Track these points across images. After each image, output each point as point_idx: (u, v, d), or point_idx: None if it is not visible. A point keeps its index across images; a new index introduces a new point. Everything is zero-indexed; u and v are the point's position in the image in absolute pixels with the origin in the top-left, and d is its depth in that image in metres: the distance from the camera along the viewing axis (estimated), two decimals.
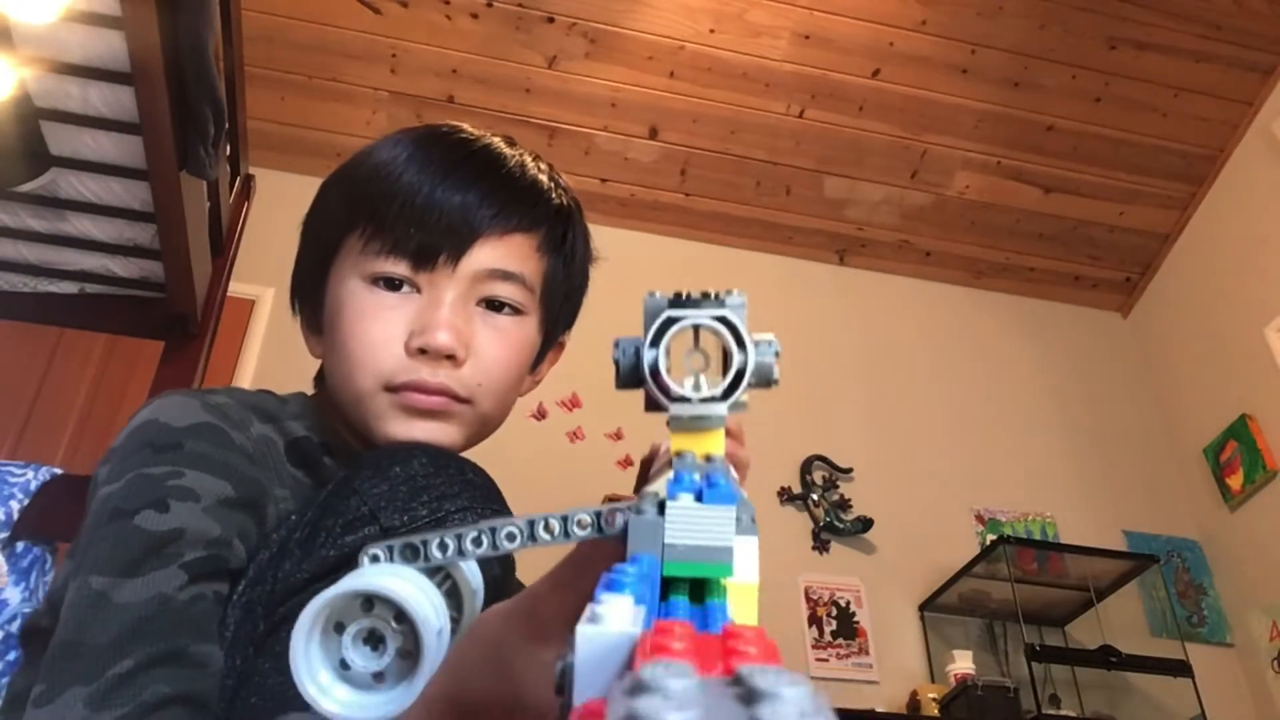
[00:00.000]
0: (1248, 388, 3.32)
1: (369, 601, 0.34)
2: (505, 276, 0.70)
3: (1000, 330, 3.79)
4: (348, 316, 0.68)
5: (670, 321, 0.39)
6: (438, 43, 3.24)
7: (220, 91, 1.45)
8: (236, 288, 2.48)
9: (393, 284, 0.67)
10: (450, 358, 0.67)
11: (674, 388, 0.38)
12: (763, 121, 3.46)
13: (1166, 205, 3.74)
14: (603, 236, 3.60)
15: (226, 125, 1.56)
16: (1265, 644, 3.10)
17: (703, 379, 0.39)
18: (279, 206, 3.18)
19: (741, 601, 0.33)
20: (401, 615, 0.34)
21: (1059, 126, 3.54)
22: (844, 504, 3.10)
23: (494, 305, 0.70)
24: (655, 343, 0.39)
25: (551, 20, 3.22)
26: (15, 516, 1.57)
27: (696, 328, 0.39)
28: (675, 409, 0.39)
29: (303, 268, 0.75)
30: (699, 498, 0.34)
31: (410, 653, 0.34)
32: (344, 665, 0.34)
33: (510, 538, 0.36)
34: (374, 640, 0.34)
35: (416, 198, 0.67)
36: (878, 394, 3.43)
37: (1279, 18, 3.36)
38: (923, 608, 3.02)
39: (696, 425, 0.39)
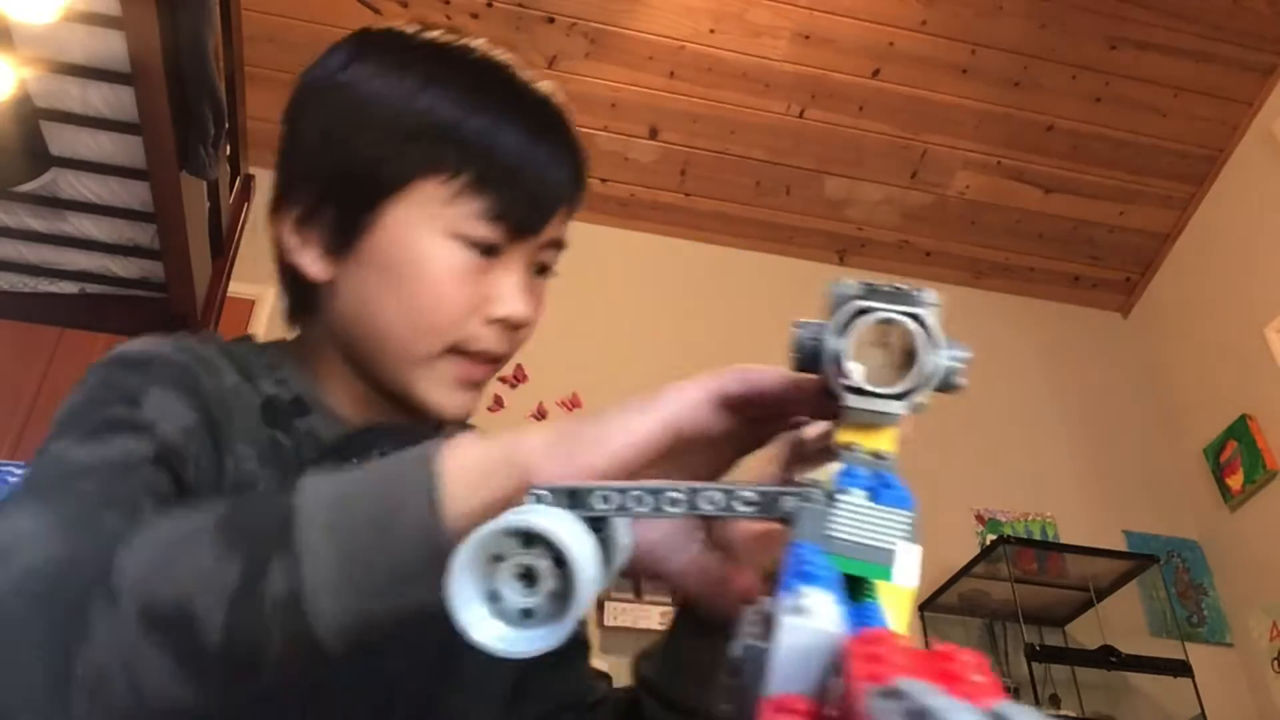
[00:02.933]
0: (1248, 388, 3.32)
1: (528, 539, 0.34)
2: (558, 245, 0.68)
3: (1000, 330, 3.79)
4: (431, 273, 0.61)
5: (861, 312, 0.38)
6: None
7: (220, 91, 1.45)
8: (236, 288, 2.48)
9: (487, 250, 0.62)
10: (522, 326, 0.65)
11: (855, 379, 0.38)
12: (763, 121, 3.46)
13: (1166, 205, 3.74)
14: (603, 236, 3.65)
15: (226, 125, 1.56)
16: (1265, 644, 3.10)
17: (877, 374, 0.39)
18: None
19: (896, 606, 0.33)
20: (560, 559, 0.34)
21: (1059, 126, 3.54)
22: None
23: (543, 269, 0.68)
24: (841, 331, 0.38)
25: (551, 20, 3.22)
26: None
27: (887, 321, 0.38)
28: (852, 400, 0.38)
29: (325, 182, 0.65)
30: (873, 496, 0.34)
31: (560, 596, 0.34)
32: (494, 597, 0.34)
33: (673, 503, 0.36)
34: (528, 577, 0.35)
35: (522, 160, 0.62)
36: None
37: (1279, 18, 3.36)
38: (923, 608, 3.02)
39: (871, 420, 0.39)
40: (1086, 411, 3.64)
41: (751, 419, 0.46)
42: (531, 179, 0.63)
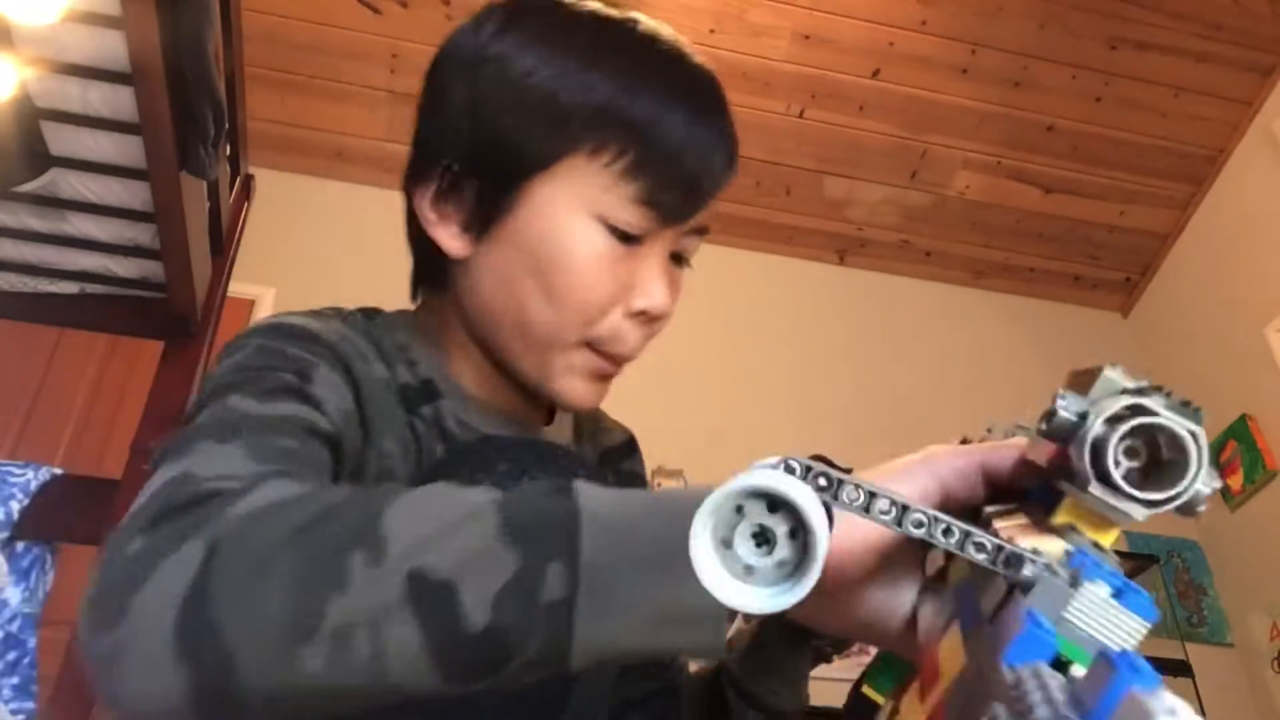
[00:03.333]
0: (1248, 388, 3.32)
1: (772, 505, 0.35)
2: (701, 232, 0.66)
3: (1000, 330, 3.79)
4: (577, 259, 0.59)
5: (1138, 410, 0.38)
6: (438, 43, 3.21)
7: (220, 91, 1.45)
8: (236, 288, 2.48)
9: (631, 238, 0.60)
10: (659, 319, 0.64)
11: (1114, 476, 0.38)
12: (763, 121, 3.46)
13: (1166, 205, 3.74)
14: None
15: (226, 125, 1.56)
16: (1265, 644, 3.10)
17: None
18: (279, 206, 3.19)
19: None
20: (796, 531, 0.35)
21: (1059, 126, 3.54)
22: None
23: (678, 260, 0.66)
24: (1111, 421, 0.38)
25: None
26: (15, 516, 1.57)
27: (1166, 432, 0.38)
28: (1097, 490, 0.38)
29: (473, 156, 0.62)
30: (1117, 595, 0.34)
31: (786, 564, 0.35)
32: (726, 544, 0.35)
33: (917, 525, 0.36)
34: (761, 539, 0.35)
35: (683, 145, 0.59)
36: (877, 394, 3.43)
37: (1279, 18, 3.36)
38: None
39: (1107, 516, 0.40)
40: None
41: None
42: (691, 164, 0.59)
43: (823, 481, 0.36)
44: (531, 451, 0.60)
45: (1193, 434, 0.38)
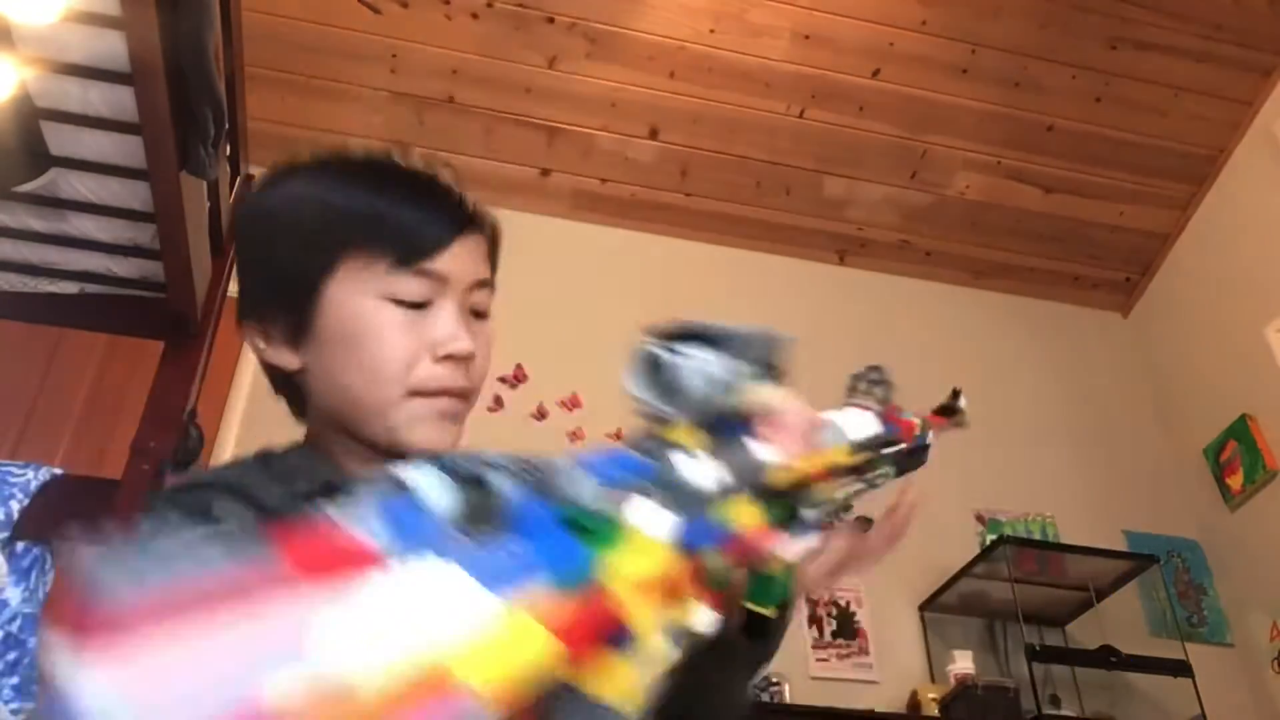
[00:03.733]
0: (1248, 388, 3.32)
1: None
2: (484, 284, 0.77)
3: (1000, 330, 3.79)
4: (374, 331, 0.71)
5: None
6: (438, 43, 3.24)
7: (220, 91, 1.45)
8: (236, 288, 2.48)
9: (415, 305, 0.72)
10: (469, 358, 0.73)
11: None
12: (763, 121, 3.46)
13: (1166, 205, 3.74)
14: (603, 237, 3.64)
15: (226, 125, 1.56)
16: (1265, 644, 3.10)
17: None
18: None
19: None
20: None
21: (1059, 126, 3.54)
22: (845, 505, 3.09)
23: (478, 313, 0.77)
24: None
25: (551, 20, 3.22)
26: (15, 516, 1.57)
27: None
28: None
29: (271, 288, 0.76)
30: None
31: None
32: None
33: None
34: None
35: (415, 224, 0.73)
36: None
37: (1279, 18, 3.36)
38: (923, 608, 3.02)
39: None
40: (1086, 411, 3.64)
41: None
42: (427, 235, 0.73)
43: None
44: None
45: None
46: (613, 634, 0.39)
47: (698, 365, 0.53)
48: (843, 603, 2.94)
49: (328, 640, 0.29)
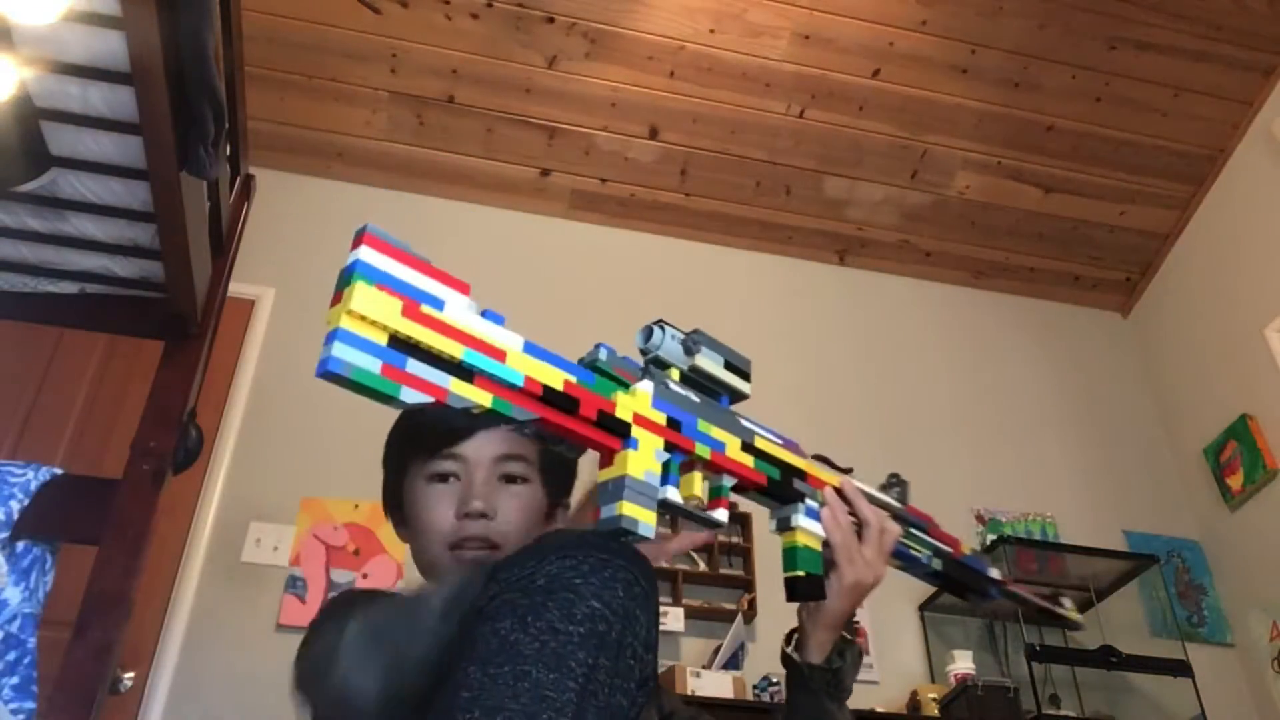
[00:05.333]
0: (1248, 388, 3.32)
1: None
2: (513, 457, 1.00)
3: (1000, 330, 3.79)
4: (421, 506, 0.98)
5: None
6: (438, 43, 3.24)
7: (220, 91, 1.45)
8: (236, 288, 2.48)
9: (443, 478, 0.98)
10: (483, 515, 0.95)
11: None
12: (763, 121, 3.46)
13: (1166, 205, 3.74)
14: (603, 236, 3.63)
15: (226, 125, 1.55)
16: (1265, 644, 3.10)
17: None
18: (279, 206, 3.19)
19: None
20: None
21: (1059, 126, 3.54)
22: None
23: (510, 479, 0.99)
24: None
25: (551, 20, 3.22)
26: (15, 516, 1.57)
27: None
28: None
29: (388, 489, 1.06)
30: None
31: None
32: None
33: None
34: None
35: (436, 424, 1.00)
36: (877, 394, 3.43)
37: (1279, 18, 3.36)
38: (923, 608, 3.02)
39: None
40: (1086, 411, 3.64)
41: None
42: (442, 425, 0.99)
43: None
44: None
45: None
46: (620, 431, 0.74)
47: (670, 333, 0.82)
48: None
49: None
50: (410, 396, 0.66)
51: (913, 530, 1.00)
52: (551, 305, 3.31)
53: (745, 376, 0.88)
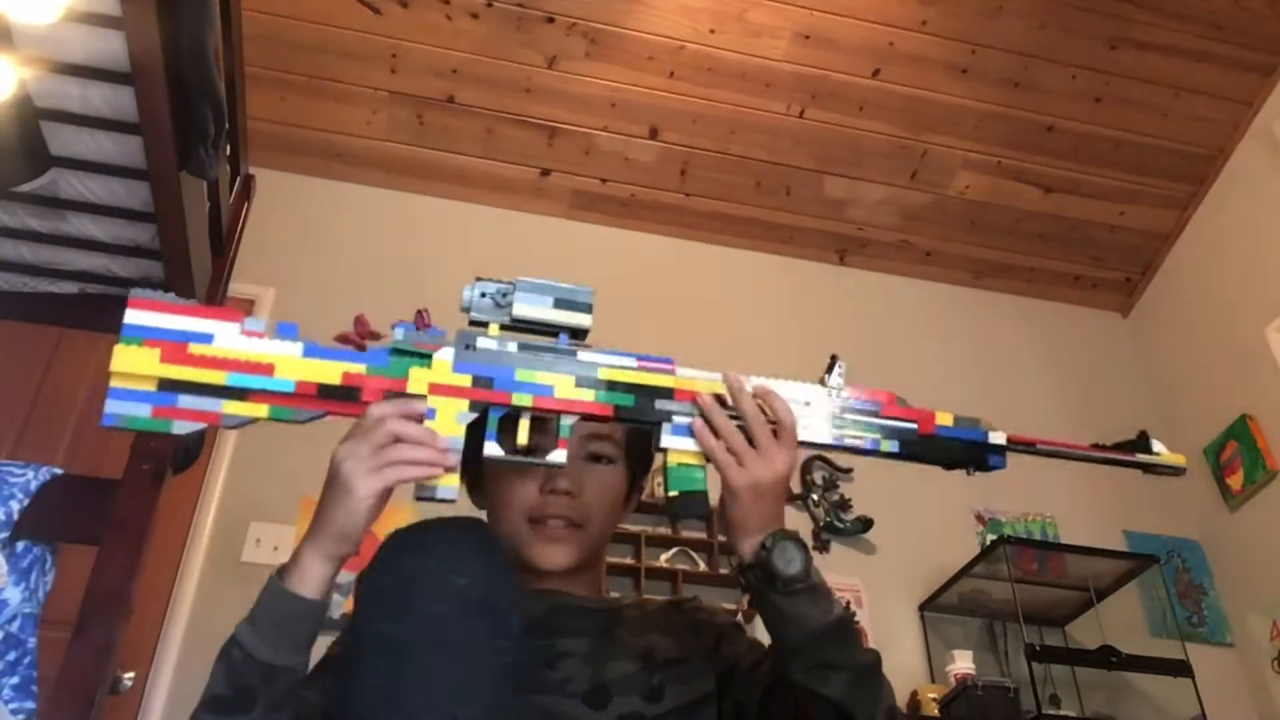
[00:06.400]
0: (1248, 388, 3.32)
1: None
2: (600, 437, 0.99)
3: (1000, 330, 3.79)
4: (503, 477, 0.97)
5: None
6: (438, 43, 3.24)
7: (220, 91, 1.45)
8: (236, 288, 2.48)
9: (530, 450, 0.87)
10: (568, 493, 0.95)
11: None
12: (763, 121, 3.46)
13: (1166, 205, 3.74)
14: (603, 236, 3.65)
15: (226, 125, 1.56)
16: (1265, 644, 3.10)
17: None
18: (279, 206, 3.19)
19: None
20: None
21: (1059, 126, 3.54)
22: (844, 504, 3.10)
23: (596, 458, 0.99)
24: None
25: (551, 20, 3.22)
26: (15, 516, 1.57)
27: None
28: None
29: (468, 454, 0.97)
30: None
31: None
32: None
33: None
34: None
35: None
36: None
37: (1279, 18, 3.36)
38: (923, 608, 3.02)
39: None
40: (1086, 411, 3.64)
41: None
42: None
43: None
44: (543, 602, 0.94)
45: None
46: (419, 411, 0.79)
47: (481, 290, 0.86)
48: (843, 602, 2.93)
49: None
50: (182, 428, 0.77)
51: (849, 415, 0.92)
52: None
53: (584, 309, 0.87)
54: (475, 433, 0.83)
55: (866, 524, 3.06)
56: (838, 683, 0.81)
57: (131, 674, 2.28)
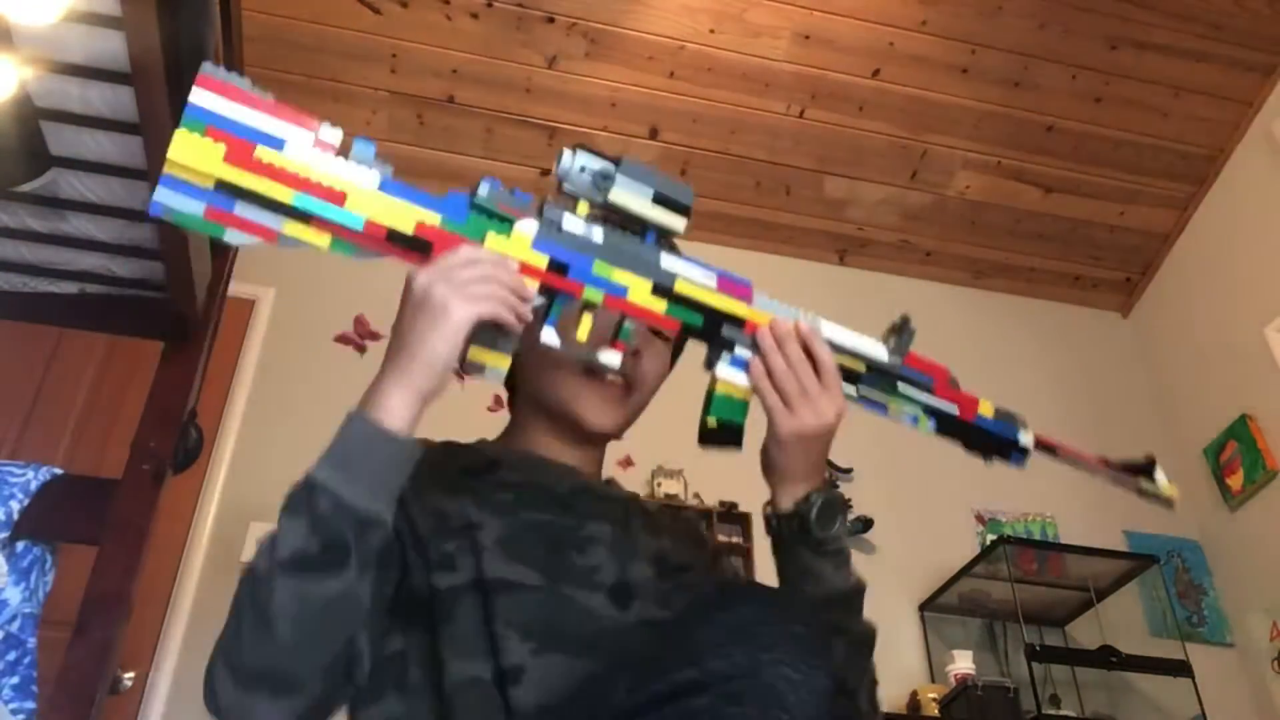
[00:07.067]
0: (1248, 388, 3.32)
1: None
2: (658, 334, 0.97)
3: (1000, 330, 3.79)
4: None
5: None
6: (438, 43, 3.24)
7: None
8: (236, 288, 2.48)
9: (589, 306, 0.85)
10: (636, 352, 0.94)
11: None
12: (763, 121, 3.46)
13: (1166, 205, 3.74)
14: None
15: None
16: (1265, 644, 3.10)
17: None
18: None
19: None
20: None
21: (1059, 126, 3.54)
22: (844, 504, 3.10)
23: (655, 331, 0.96)
24: None
25: (551, 20, 3.22)
26: (15, 516, 1.57)
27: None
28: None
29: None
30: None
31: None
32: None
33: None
34: None
35: None
36: None
37: (1279, 18, 3.36)
38: (923, 608, 3.02)
39: None
40: (1086, 411, 3.64)
41: None
42: None
43: None
44: (567, 480, 0.91)
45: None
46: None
47: (582, 163, 0.77)
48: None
49: None
50: (235, 238, 0.68)
51: (902, 386, 0.93)
52: None
53: (681, 210, 0.81)
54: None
55: (866, 524, 3.06)
56: (836, 648, 0.81)
57: (131, 674, 2.28)
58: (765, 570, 1.01)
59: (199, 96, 0.70)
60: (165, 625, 2.52)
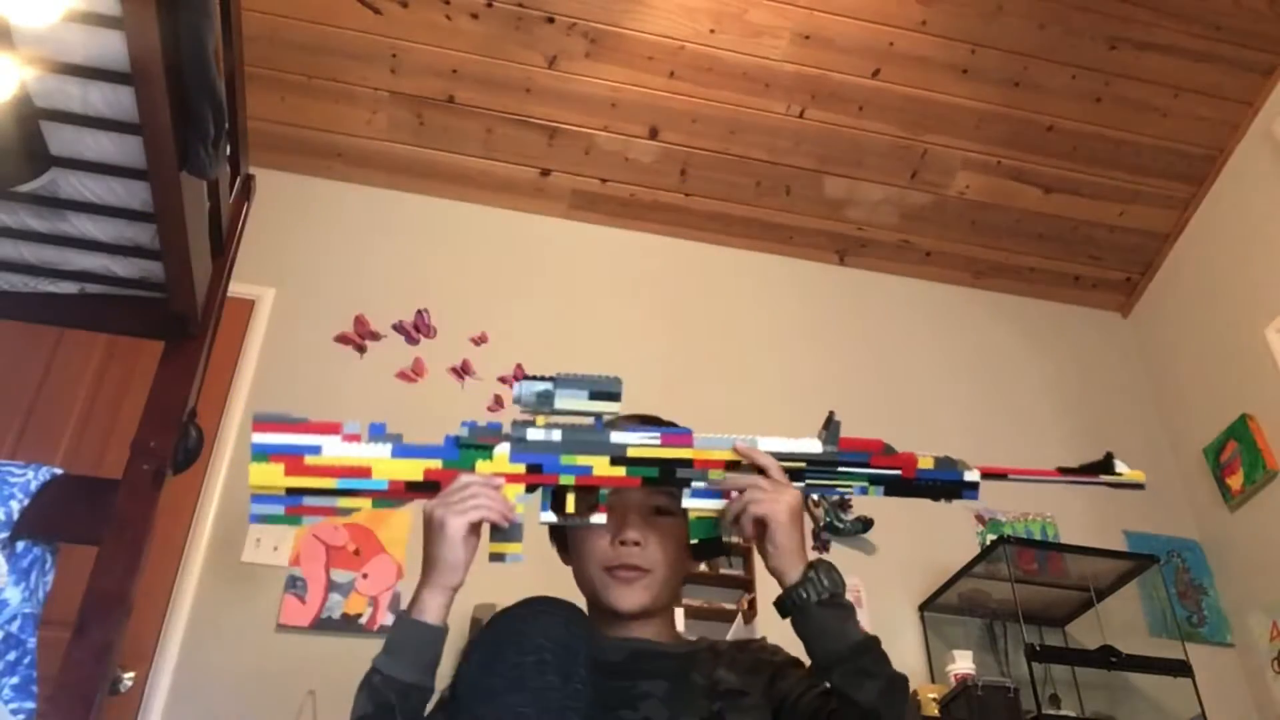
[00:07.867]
0: (1248, 388, 3.32)
1: None
2: (663, 491, 1.09)
3: (1000, 330, 3.79)
4: (583, 535, 1.11)
5: None
6: (438, 43, 3.24)
7: (220, 91, 1.45)
8: (236, 288, 2.48)
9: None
10: (636, 543, 1.09)
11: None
12: (763, 121, 3.46)
13: (1166, 205, 3.74)
14: (603, 236, 3.64)
15: (226, 125, 1.55)
16: (1265, 644, 3.10)
17: None
18: (279, 206, 3.19)
19: None
20: None
21: (1059, 126, 3.54)
22: (844, 504, 3.10)
23: (658, 511, 1.11)
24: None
25: (551, 20, 3.22)
26: (15, 516, 1.57)
27: None
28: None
29: (555, 527, 1.15)
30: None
31: None
32: None
33: None
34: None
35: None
36: (877, 394, 3.43)
37: (1279, 18, 3.36)
38: (923, 608, 3.02)
39: None
40: (1086, 411, 3.64)
41: None
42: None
43: None
44: (625, 648, 1.07)
45: None
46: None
47: (529, 386, 1.04)
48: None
49: None
50: (311, 520, 1.01)
51: (842, 469, 1.12)
52: (552, 305, 3.31)
53: (613, 397, 1.04)
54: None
55: (866, 524, 3.06)
56: (871, 690, 0.93)
57: (131, 674, 2.28)
58: (769, 586, 1.05)
59: (258, 436, 0.97)
60: (165, 625, 2.52)
